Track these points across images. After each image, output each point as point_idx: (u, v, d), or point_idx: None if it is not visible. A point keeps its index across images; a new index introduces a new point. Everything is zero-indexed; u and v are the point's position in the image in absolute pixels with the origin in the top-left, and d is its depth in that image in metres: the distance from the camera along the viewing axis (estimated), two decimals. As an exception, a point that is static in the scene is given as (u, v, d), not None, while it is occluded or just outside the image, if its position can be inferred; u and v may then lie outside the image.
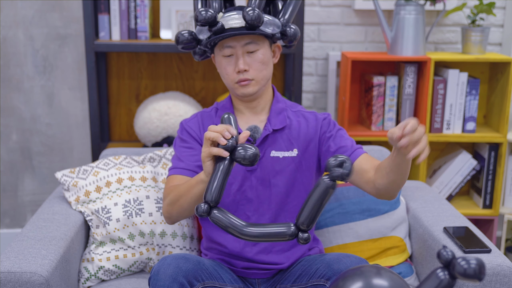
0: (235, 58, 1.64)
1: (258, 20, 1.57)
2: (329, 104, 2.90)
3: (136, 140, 2.88)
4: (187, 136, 1.74)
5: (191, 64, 2.83)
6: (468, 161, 2.72)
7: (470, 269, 0.97)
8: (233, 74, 1.65)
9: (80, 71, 2.84)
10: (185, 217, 1.66)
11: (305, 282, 1.64)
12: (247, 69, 1.63)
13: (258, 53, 1.64)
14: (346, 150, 1.68)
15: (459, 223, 1.91)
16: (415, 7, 2.57)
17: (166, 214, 1.67)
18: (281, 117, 1.73)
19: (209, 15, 1.56)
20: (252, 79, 1.65)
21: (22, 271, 1.56)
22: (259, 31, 1.61)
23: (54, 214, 1.90)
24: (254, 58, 1.64)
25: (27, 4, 2.76)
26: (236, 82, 1.65)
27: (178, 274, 1.51)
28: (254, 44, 1.63)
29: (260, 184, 1.70)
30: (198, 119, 1.76)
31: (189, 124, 1.76)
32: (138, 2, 2.58)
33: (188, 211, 1.62)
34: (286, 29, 1.67)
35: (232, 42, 1.62)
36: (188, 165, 1.69)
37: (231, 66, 1.65)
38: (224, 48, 1.64)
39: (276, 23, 1.65)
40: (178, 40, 1.65)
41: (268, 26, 1.63)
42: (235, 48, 1.63)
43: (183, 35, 1.65)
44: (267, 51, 1.67)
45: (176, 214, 1.64)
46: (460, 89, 2.64)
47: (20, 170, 2.92)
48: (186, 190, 1.58)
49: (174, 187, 1.64)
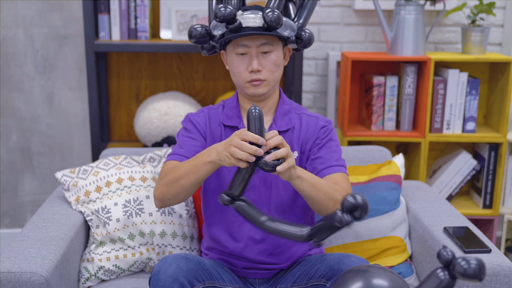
0: (249, 57, 1.64)
1: (277, 22, 1.57)
2: (329, 104, 2.90)
3: (136, 140, 2.88)
4: (192, 127, 1.74)
5: (191, 64, 2.83)
6: (468, 161, 2.72)
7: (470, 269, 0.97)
8: (245, 73, 1.65)
9: (80, 71, 2.84)
10: (179, 201, 1.63)
11: (305, 282, 1.64)
12: (260, 69, 1.64)
13: (272, 54, 1.64)
14: (322, 162, 1.68)
15: (459, 223, 1.91)
16: (415, 7, 2.57)
17: (159, 195, 1.63)
18: (286, 119, 1.73)
19: (228, 11, 1.56)
20: (264, 79, 1.65)
21: (22, 271, 1.56)
22: (276, 33, 1.61)
23: (54, 214, 1.90)
24: (268, 59, 1.64)
25: (27, 4, 2.76)
26: (248, 81, 1.65)
27: (179, 274, 1.51)
28: (269, 45, 1.63)
29: (262, 185, 1.70)
30: (205, 114, 1.77)
31: (196, 117, 1.76)
32: (138, 2, 2.58)
33: (185, 193, 1.59)
34: (302, 33, 1.67)
35: (247, 41, 1.62)
36: (189, 152, 1.68)
37: (244, 65, 1.64)
38: (238, 47, 1.63)
39: (292, 26, 1.66)
40: (191, 34, 1.64)
41: (285, 29, 1.64)
42: (250, 48, 1.63)
43: (196, 29, 1.64)
44: (280, 53, 1.67)
45: (171, 196, 1.61)
46: (460, 89, 2.64)
47: (20, 170, 2.92)
48: (190, 170, 1.56)
49: (173, 167, 1.62)
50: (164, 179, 1.63)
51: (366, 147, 2.25)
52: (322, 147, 1.70)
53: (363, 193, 2.02)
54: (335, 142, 1.72)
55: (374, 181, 2.04)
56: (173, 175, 1.60)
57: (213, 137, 1.73)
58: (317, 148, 1.70)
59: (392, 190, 2.02)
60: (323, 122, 1.75)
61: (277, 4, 1.63)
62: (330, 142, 1.72)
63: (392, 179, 2.05)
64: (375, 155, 2.22)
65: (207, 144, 1.73)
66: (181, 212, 1.96)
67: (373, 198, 2.00)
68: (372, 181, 2.04)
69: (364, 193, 2.02)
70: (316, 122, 1.74)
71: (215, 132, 1.73)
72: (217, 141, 1.72)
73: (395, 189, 2.03)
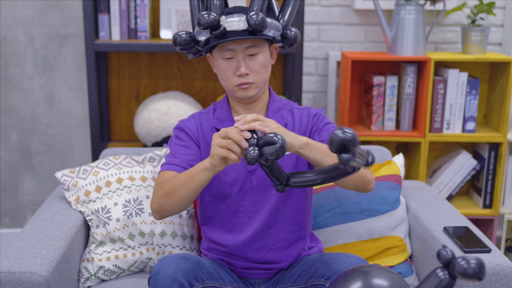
0: (236, 61, 1.62)
1: (262, 25, 1.56)
2: (329, 104, 2.90)
3: (136, 140, 2.88)
4: (184, 135, 1.73)
5: (191, 64, 2.83)
6: (468, 161, 2.72)
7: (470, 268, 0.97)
8: (233, 77, 1.64)
9: (80, 71, 2.84)
10: (176, 212, 1.61)
11: (304, 282, 1.64)
12: (248, 73, 1.63)
13: (259, 56, 1.63)
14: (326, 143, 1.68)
15: (459, 223, 1.91)
16: (415, 7, 2.57)
17: (156, 207, 1.62)
18: (278, 116, 1.73)
19: (211, 18, 1.54)
20: (253, 82, 1.64)
21: (22, 271, 1.56)
22: (261, 35, 1.60)
23: (54, 214, 1.90)
24: (255, 62, 1.63)
25: (27, 4, 2.76)
26: (237, 85, 1.64)
27: (178, 274, 1.51)
28: (255, 47, 1.62)
29: (260, 185, 1.70)
30: (196, 120, 1.75)
31: (187, 124, 1.75)
32: (138, 2, 2.58)
33: (182, 204, 1.58)
34: (287, 32, 1.65)
35: (233, 45, 1.61)
36: (183, 162, 1.67)
37: (232, 69, 1.63)
38: (224, 51, 1.62)
39: (277, 26, 1.64)
40: (176, 41, 1.62)
41: (269, 30, 1.63)
42: (236, 51, 1.62)
43: (181, 36, 1.62)
44: (267, 54, 1.66)
45: (169, 207, 1.60)
46: (460, 89, 2.64)
47: (20, 170, 2.92)
48: (185, 180, 1.55)
49: (168, 179, 1.61)
50: (160, 191, 1.61)
51: (366, 147, 2.25)
52: (321, 131, 1.71)
53: (363, 193, 2.02)
54: (332, 124, 1.73)
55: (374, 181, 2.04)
56: (169, 187, 1.58)
57: (206, 142, 1.72)
58: (316, 133, 1.71)
59: (392, 190, 2.02)
60: (315, 111, 1.76)
61: (260, 5, 1.61)
62: (327, 125, 1.72)
63: (392, 179, 2.05)
64: (375, 155, 2.22)
65: (201, 150, 1.72)
66: (181, 212, 1.96)
67: (373, 198, 2.00)
68: (372, 181, 2.04)
69: (364, 193, 2.02)
70: (307, 112, 1.75)
71: (207, 137, 1.72)
72: (210, 145, 1.71)
73: (395, 189, 2.03)
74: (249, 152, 1.38)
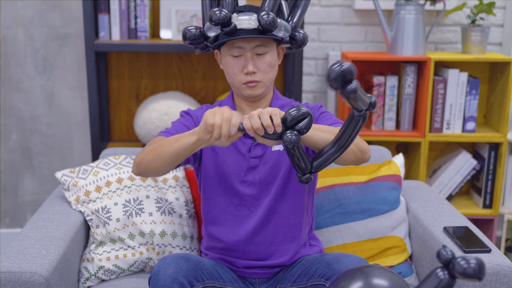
0: (244, 59, 1.64)
1: (272, 25, 1.58)
2: (329, 104, 2.90)
3: (136, 140, 2.88)
4: (189, 118, 1.75)
5: (191, 64, 2.83)
6: (468, 161, 2.72)
7: (470, 268, 0.97)
8: (240, 74, 1.66)
9: (80, 71, 2.84)
10: (154, 171, 1.58)
11: (305, 282, 1.64)
12: (255, 71, 1.65)
13: (266, 55, 1.65)
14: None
15: (459, 223, 1.91)
16: (415, 7, 2.57)
17: (137, 160, 1.60)
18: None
19: (223, 15, 1.56)
20: (260, 81, 1.66)
21: (22, 271, 1.56)
22: (271, 35, 1.62)
23: (54, 214, 1.90)
24: (262, 61, 1.65)
25: (27, 4, 2.76)
26: (244, 83, 1.66)
27: (178, 274, 1.51)
28: (263, 46, 1.64)
29: (263, 179, 1.71)
30: (204, 111, 1.78)
31: (195, 112, 1.77)
32: (138, 2, 2.58)
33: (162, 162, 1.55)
34: (296, 34, 1.67)
35: (242, 43, 1.63)
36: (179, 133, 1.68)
37: (239, 66, 1.65)
38: (233, 48, 1.64)
39: (287, 27, 1.66)
40: (186, 36, 1.64)
41: (279, 30, 1.64)
42: (244, 49, 1.64)
43: (190, 31, 1.64)
44: (275, 54, 1.68)
45: (147, 162, 1.57)
46: (460, 89, 2.64)
47: (20, 170, 2.92)
48: (171, 140, 1.53)
49: (159, 138, 1.63)
50: (146, 148, 1.61)
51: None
52: (318, 119, 1.73)
53: (363, 193, 2.02)
54: (329, 112, 1.74)
55: (374, 181, 2.04)
56: (155, 145, 1.58)
57: None
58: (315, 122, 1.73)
59: (392, 190, 2.02)
60: (313, 105, 1.78)
61: (272, 5, 1.63)
62: (323, 113, 1.74)
63: (392, 179, 2.05)
64: (375, 155, 2.22)
65: None
66: (181, 212, 1.96)
67: (373, 198, 2.00)
68: (372, 181, 2.04)
69: (364, 193, 2.02)
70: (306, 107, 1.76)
71: None
72: None
73: (395, 189, 2.03)
74: (287, 136, 1.36)
